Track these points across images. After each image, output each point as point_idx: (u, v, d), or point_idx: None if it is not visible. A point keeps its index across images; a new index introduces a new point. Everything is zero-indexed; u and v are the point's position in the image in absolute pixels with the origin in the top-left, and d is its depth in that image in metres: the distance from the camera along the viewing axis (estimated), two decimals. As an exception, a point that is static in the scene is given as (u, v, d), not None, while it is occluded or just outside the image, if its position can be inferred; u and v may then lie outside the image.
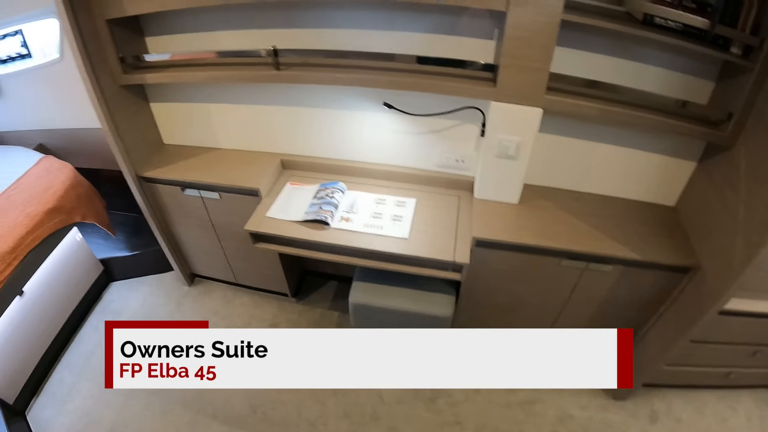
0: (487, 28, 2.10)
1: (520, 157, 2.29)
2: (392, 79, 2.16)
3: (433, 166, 2.62)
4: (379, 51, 2.20)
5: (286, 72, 2.27)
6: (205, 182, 2.70)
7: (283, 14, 2.29)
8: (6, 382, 3.12)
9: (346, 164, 2.70)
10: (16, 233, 3.00)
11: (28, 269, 3.11)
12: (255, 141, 2.84)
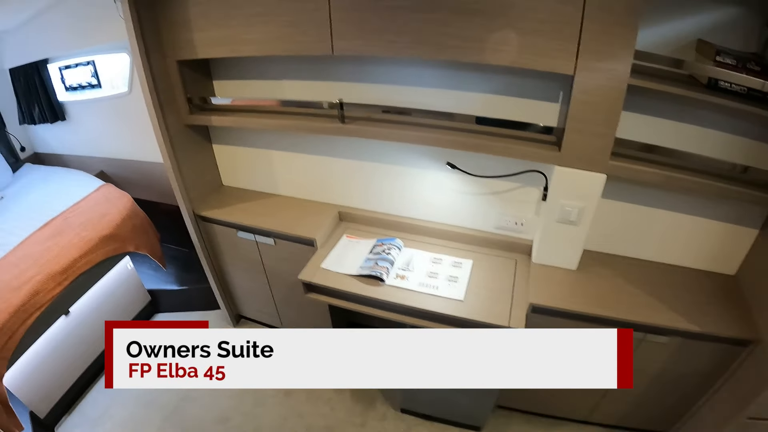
0: (552, 90, 2.07)
1: (581, 223, 2.22)
2: (457, 140, 2.13)
3: (491, 228, 2.57)
4: (443, 110, 2.19)
5: (351, 126, 2.28)
6: (262, 228, 2.72)
7: (350, 68, 2.32)
8: (40, 396, 3.20)
9: (403, 221, 2.68)
10: (70, 255, 3.09)
11: (78, 291, 3.19)
12: (314, 190, 2.85)
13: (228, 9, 2.20)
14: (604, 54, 1.75)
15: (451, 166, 2.37)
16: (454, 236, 2.61)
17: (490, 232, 2.57)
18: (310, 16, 2.01)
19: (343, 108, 2.26)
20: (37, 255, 3.15)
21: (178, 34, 2.44)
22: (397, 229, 2.69)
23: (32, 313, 2.91)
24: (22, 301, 2.88)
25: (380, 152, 2.52)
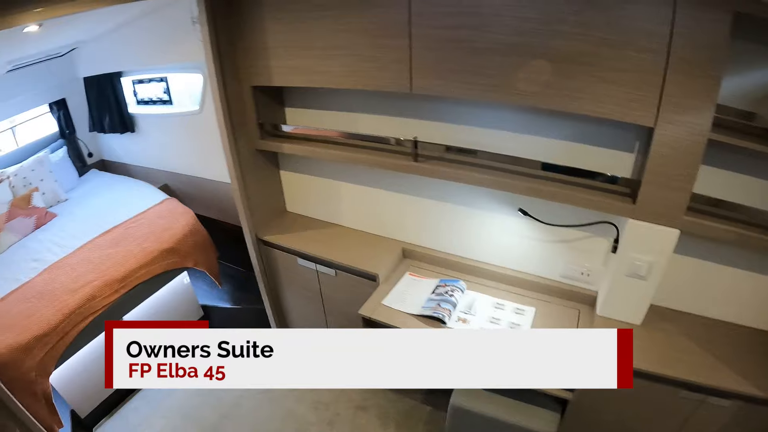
0: (627, 140, 2.03)
1: (650, 278, 2.15)
2: (531, 186, 2.10)
3: (556, 276, 2.52)
4: (516, 154, 2.17)
5: (424, 164, 2.27)
6: (324, 258, 2.73)
7: (424, 105, 2.32)
8: (83, 397, 3.27)
9: (467, 262, 2.64)
10: (129, 264, 3.17)
11: (133, 300, 3.26)
12: (379, 225, 2.85)
13: (307, 40, 2.25)
14: (686, 107, 1.71)
15: (523, 212, 2.34)
16: (517, 282, 2.57)
17: (554, 280, 2.53)
18: (391, 53, 2.03)
19: (417, 146, 2.27)
20: (96, 260, 3.24)
21: (255, 60, 2.50)
22: (461, 270, 2.66)
23: (86, 317, 2.99)
24: (78, 304, 2.97)
25: (449, 191, 2.51)
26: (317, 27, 2.19)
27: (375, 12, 1.99)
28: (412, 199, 2.64)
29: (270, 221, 3.06)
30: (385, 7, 1.95)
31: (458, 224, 2.59)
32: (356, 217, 2.93)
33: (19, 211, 4.05)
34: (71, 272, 3.19)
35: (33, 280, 3.25)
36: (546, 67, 1.80)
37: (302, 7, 2.18)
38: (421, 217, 2.68)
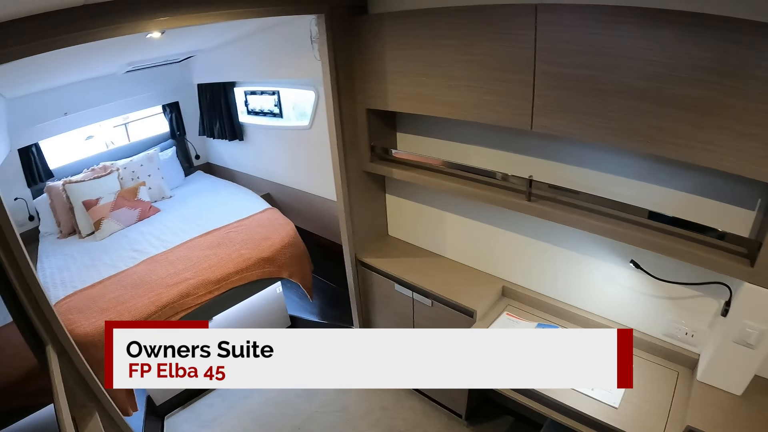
0: (749, 196, 1.89)
1: (759, 347, 2.00)
2: (646, 238, 1.97)
3: (657, 333, 2.37)
4: (629, 201, 2.03)
5: (536, 205, 2.19)
6: (423, 287, 2.69)
7: (541, 143, 2.26)
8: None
9: (567, 308, 2.53)
10: (226, 268, 3.25)
11: (225, 302, 3.33)
12: (481, 260, 2.79)
13: (428, 67, 2.24)
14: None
15: (635, 265, 2.24)
16: None
17: (655, 337, 2.37)
18: (513, 88, 1.98)
19: (531, 185, 2.20)
20: (195, 259, 3.34)
21: (372, 84, 2.53)
22: (560, 315, 2.55)
23: (178, 312, 3.09)
24: (172, 299, 3.07)
25: (557, 233, 2.42)
26: (439, 55, 2.17)
27: (500, 45, 1.95)
28: (518, 238, 2.57)
29: (371, 243, 3.08)
30: (511, 41, 1.91)
31: (563, 268, 2.50)
32: (459, 249, 2.88)
33: (124, 202, 4.25)
34: (169, 267, 3.31)
35: (131, 269, 3.40)
36: (675, 115, 1.70)
37: (425, 33, 2.18)
38: (525, 257, 2.60)
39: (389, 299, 2.99)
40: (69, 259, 3.82)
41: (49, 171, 4.68)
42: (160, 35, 2.68)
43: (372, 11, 2.51)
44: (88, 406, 2.22)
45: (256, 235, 3.53)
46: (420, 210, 2.92)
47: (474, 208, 2.67)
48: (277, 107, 4.15)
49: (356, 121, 2.72)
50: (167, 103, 5.33)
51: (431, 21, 2.13)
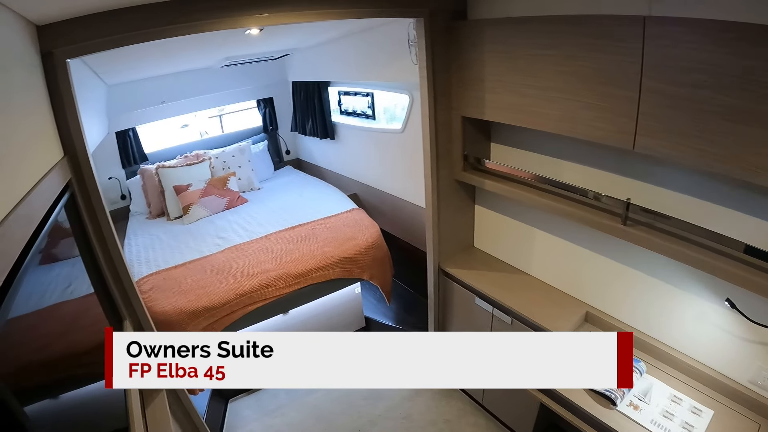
0: None
1: None
2: (745, 276, 1.76)
3: (743, 380, 2.15)
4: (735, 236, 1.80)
5: (632, 230, 2.03)
6: (504, 303, 2.60)
7: (640, 165, 2.10)
8: None
9: (652, 342, 2.35)
10: (308, 264, 3.27)
11: (303, 297, 3.36)
12: (566, 281, 2.67)
13: (527, 78, 2.15)
14: None
15: (730, 304, 2.07)
16: (701, 376, 2.23)
17: (741, 384, 2.15)
18: (617, 104, 1.83)
19: (629, 209, 2.04)
20: (277, 252, 3.38)
21: (469, 91, 2.46)
22: (643, 349, 2.38)
23: (256, 302, 3.12)
24: (252, 288, 3.11)
25: (650, 262, 2.25)
26: (538, 66, 2.07)
27: (604, 57, 1.82)
28: (606, 262, 2.43)
29: (455, 253, 3.01)
30: (616, 54, 1.77)
31: (652, 299, 2.32)
32: (544, 267, 2.77)
33: (214, 190, 4.38)
34: (252, 257, 3.37)
35: (214, 256, 3.48)
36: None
37: (525, 42, 2.09)
38: (613, 283, 2.45)
39: (468, 312, 2.90)
40: (155, 239, 3.99)
41: (143, 154, 4.94)
42: (258, 32, 2.73)
43: (471, 17, 2.45)
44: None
45: (340, 234, 3.55)
46: (508, 224, 2.83)
47: (564, 227, 2.55)
48: (370, 109, 4.17)
49: (450, 128, 2.66)
50: (262, 98, 5.50)
51: (532, 29, 2.04)
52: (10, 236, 0.88)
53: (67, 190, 1.56)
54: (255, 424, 3.36)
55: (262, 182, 5.05)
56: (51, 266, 0.98)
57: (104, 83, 3.89)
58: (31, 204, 1.09)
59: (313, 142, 5.31)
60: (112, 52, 1.88)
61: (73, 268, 1.25)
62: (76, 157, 1.79)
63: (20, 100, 1.29)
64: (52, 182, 1.37)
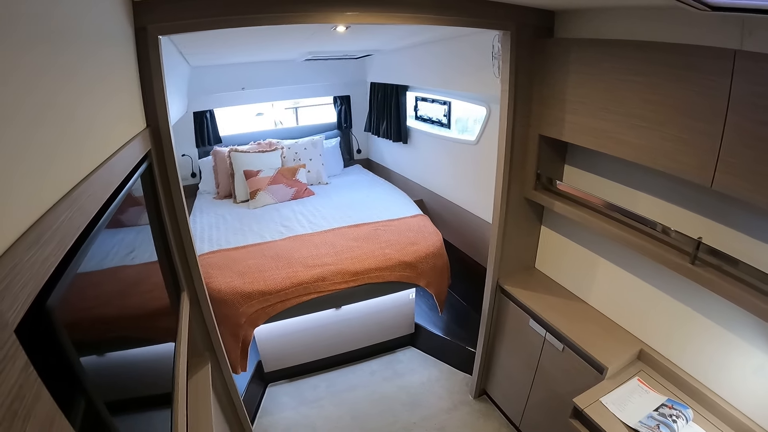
0: None
1: None
2: None
3: None
4: None
5: (699, 270, 1.93)
6: (558, 329, 2.54)
7: (713, 204, 2.01)
8: (275, 356, 3.59)
9: (703, 390, 2.22)
10: (367, 263, 3.31)
11: (357, 295, 3.39)
12: (625, 315, 2.58)
13: (610, 102, 2.09)
14: None
15: None
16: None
17: None
18: (699, 138, 1.75)
19: (699, 248, 1.94)
20: (338, 247, 3.43)
21: (549, 110, 2.43)
22: (693, 396, 2.26)
23: (310, 293, 3.17)
24: (308, 279, 3.16)
25: (713, 306, 2.13)
26: (623, 91, 2.01)
27: (691, 88, 1.74)
28: (669, 301, 2.32)
29: (514, 273, 2.97)
30: (703, 86, 1.69)
31: (711, 345, 2.20)
32: (604, 298, 2.68)
33: (283, 179, 4.48)
34: (313, 249, 3.42)
35: (276, 242, 3.57)
36: None
37: (612, 66, 2.03)
38: (672, 323, 2.34)
39: (520, 333, 2.86)
40: (220, 219, 4.12)
41: (218, 136, 5.15)
42: (345, 29, 2.75)
43: (558, 35, 2.41)
44: (203, 355, 2.38)
45: (403, 238, 3.56)
46: (573, 249, 2.76)
47: (629, 259, 2.47)
48: (446, 117, 4.16)
49: (526, 145, 2.63)
50: (339, 95, 5.61)
51: (621, 53, 1.98)
52: (91, 193, 0.92)
53: (145, 160, 1.63)
54: (290, 412, 3.42)
55: (331, 177, 5.14)
56: (116, 231, 1.03)
57: (188, 64, 4.05)
58: (113, 167, 1.16)
59: (385, 144, 5.36)
60: (202, 34, 1.95)
61: (137, 236, 1.30)
62: (157, 129, 1.88)
63: (112, 71, 1.36)
64: (133, 150, 1.44)
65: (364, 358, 3.92)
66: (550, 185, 2.64)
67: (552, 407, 2.70)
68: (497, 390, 3.35)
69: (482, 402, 3.49)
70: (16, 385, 0.52)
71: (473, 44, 3.15)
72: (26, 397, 0.54)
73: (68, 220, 0.79)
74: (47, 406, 0.59)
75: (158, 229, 1.82)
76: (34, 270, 0.63)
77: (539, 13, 2.34)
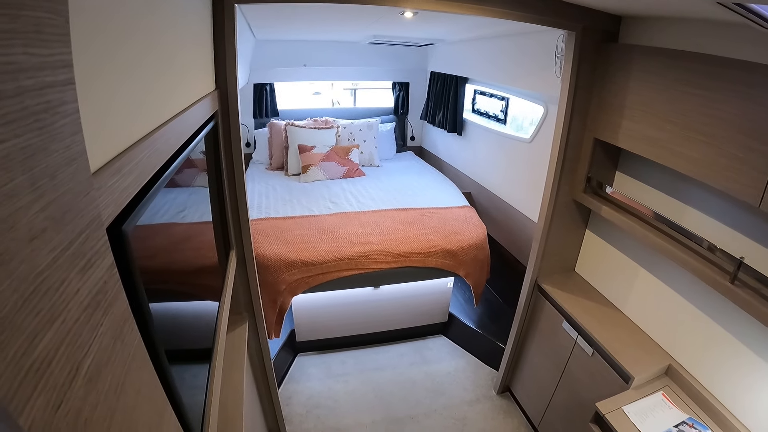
0: None
1: None
2: None
3: None
4: None
5: (738, 290, 1.90)
6: (590, 333, 2.55)
7: (761, 226, 1.97)
8: (309, 328, 3.74)
9: (726, 414, 2.19)
10: (410, 246, 3.38)
11: (397, 277, 3.46)
12: (657, 329, 2.57)
13: (669, 113, 2.06)
14: None
15: None
16: None
17: None
18: (753, 157, 1.73)
19: (740, 267, 1.91)
20: (384, 228, 3.50)
21: (607, 114, 2.42)
22: (715, 418, 2.23)
23: (352, 269, 3.25)
24: (352, 255, 3.24)
25: (748, 330, 2.10)
26: (683, 102, 1.98)
27: (751, 107, 1.72)
28: (705, 320, 2.30)
29: (554, 273, 2.98)
30: (764, 105, 1.67)
31: (739, 369, 2.17)
32: (640, 309, 2.66)
33: (336, 157, 4.57)
34: (358, 227, 3.50)
35: (323, 217, 3.66)
36: None
37: (675, 76, 2.01)
38: (705, 342, 2.31)
39: (552, 333, 2.88)
40: (271, 189, 4.23)
41: (276, 110, 5.25)
42: (412, 15, 2.78)
43: (623, 40, 2.40)
44: (242, 314, 2.48)
45: (448, 226, 3.59)
46: (615, 256, 2.75)
47: (670, 272, 2.45)
48: (502, 113, 4.16)
49: (580, 147, 2.63)
50: (398, 81, 5.64)
51: (684, 65, 1.96)
52: (159, 146, 0.97)
53: (212, 120, 1.71)
54: (316, 382, 3.53)
55: (383, 161, 5.21)
56: (170, 190, 1.09)
57: (254, 37, 4.16)
58: (187, 119, 1.23)
59: (440, 134, 5.38)
60: (274, 7, 2.00)
61: (189, 196, 1.36)
62: (225, 92, 1.97)
63: (191, 33, 1.44)
64: (204, 108, 1.52)
65: (395, 341, 4.00)
66: (599, 189, 2.63)
67: (573, 411, 2.73)
68: (521, 388, 3.39)
69: (505, 398, 3.52)
70: (102, 280, 0.59)
71: (537, 42, 3.16)
72: (108, 293, 0.60)
73: (146, 158, 0.86)
74: (123, 307, 0.66)
75: (216, 188, 1.91)
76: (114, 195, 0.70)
77: (606, 17, 2.34)
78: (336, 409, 3.32)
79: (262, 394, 2.85)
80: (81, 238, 0.54)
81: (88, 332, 0.53)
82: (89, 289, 0.55)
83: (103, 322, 0.58)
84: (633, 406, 2.27)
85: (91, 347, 0.54)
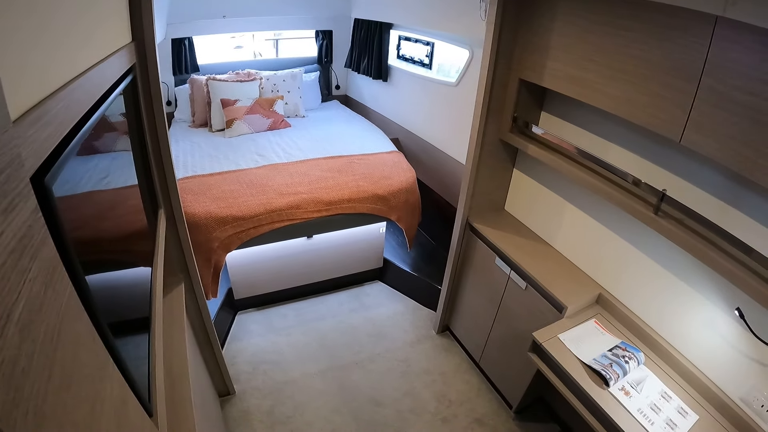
0: None
1: None
2: (763, 291, 1.70)
3: (733, 395, 2.12)
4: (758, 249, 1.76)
5: (662, 221, 2.02)
6: (523, 268, 2.64)
7: (685, 161, 2.08)
8: (246, 283, 3.68)
9: (655, 337, 2.36)
10: (341, 193, 3.38)
11: (329, 225, 3.48)
12: (587, 261, 2.69)
13: (593, 53, 2.11)
14: None
15: (740, 315, 2.03)
16: (694, 381, 2.23)
17: (731, 399, 2.13)
18: (674, 95, 1.81)
19: (663, 200, 2.01)
20: (312, 177, 3.47)
21: (532, 55, 2.45)
22: (645, 341, 2.41)
23: (283, 221, 3.23)
24: (282, 206, 3.21)
25: (672, 258, 2.24)
26: (608, 43, 2.04)
27: (672, 48, 1.79)
28: (630, 249, 2.43)
29: (484, 212, 3.04)
30: (683, 47, 1.74)
31: (666, 295, 2.31)
32: (569, 243, 2.78)
33: (260, 110, 4.46)
34: (287, 177, 3.45)
35: (251, 170, 3.58)
36: None
37: (601, 19, 2.05)
38: (632, 270, 2.46)
39: (486, 271, 2.96)
40: (195, 146, 4.09)
41: (196, 65, 5.03)
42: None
43: (550, -18, 2.42)
44: (178, 276, 2.41)
45: (377, 171, 3.61)
46: (542, 193, 2.84)
47: (596, 207, 2.56)
48: (428, 58, 4.16)
49: (506, 88, 2.65)
50: (321, 29, 5.50)
51: (611, 7, 2.00)
52: (77, 96, 0.91)
53: (130, 73, 1.61)
54: (259, 339, 3.52)
55: (308, 111, 5.10)
56: (91, 157, 1.02)
57: None
58: (100, 72, 1.15)
59: (365, 81, 5.33)
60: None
61: (112, 162, 1.29)
62: (143, 44, 1.85)
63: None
64: (119, 60, 1.42)
65: (333, 290, 4.03)
66: (526, 129, 2.68)
67: (511, 343, 2.84)
68: (460, 326, 3.49)
69: (445, 337, 3.62)
70: (26, 224, 0.56)
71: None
72: (34, 237, 0.58)
73: (64, 108, 0.81)
74: (51, 254, 0.63)
75: (138, 148, 1.82)
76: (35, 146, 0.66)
77: (532, -41, 2.33)
78: (282, 363, 3.33)
79: (207, 356, 2.80)
80: (2, 178, 0.51)
81: (16, 276, 0.51)
82: (14, 233, 0.52)
83: (32, 268, 0.55)
84: (568, 333, 2.39)
85: (21, 293, 0.52)
